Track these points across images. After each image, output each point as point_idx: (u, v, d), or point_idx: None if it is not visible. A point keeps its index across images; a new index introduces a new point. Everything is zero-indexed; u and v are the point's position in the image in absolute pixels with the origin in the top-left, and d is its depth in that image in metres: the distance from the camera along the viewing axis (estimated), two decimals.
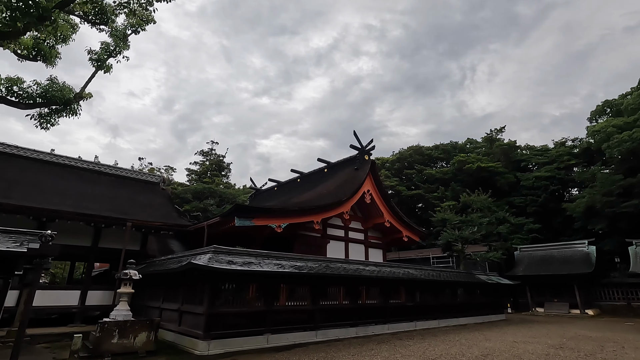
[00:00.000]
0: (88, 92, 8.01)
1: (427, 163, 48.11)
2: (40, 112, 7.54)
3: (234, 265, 9.68)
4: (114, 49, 8.19)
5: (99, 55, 8.04)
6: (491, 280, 21.68)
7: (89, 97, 8.00)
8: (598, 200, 28.38)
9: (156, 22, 8.98)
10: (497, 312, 22.14)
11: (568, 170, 37.36)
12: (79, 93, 7.84)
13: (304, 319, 11.72)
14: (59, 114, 7.55)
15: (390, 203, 23.21)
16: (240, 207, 15.33)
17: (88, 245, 14.90)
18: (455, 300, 18.97)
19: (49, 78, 7.62)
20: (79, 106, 7.80)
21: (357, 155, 23.11)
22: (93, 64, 8.13)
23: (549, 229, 35.04)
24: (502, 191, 38.50)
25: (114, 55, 8.28)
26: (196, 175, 52.06)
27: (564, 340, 12.58)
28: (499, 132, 45.43)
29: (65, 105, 7.52)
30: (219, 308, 9.81)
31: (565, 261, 27.94)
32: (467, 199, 26.18)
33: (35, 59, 9.15)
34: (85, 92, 7.93)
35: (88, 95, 7.98)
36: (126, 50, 8.52)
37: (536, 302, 28.58)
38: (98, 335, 8.66)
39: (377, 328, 13.93)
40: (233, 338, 9.81)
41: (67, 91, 7.56)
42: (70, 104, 7.57)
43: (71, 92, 7.68)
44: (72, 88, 7.79)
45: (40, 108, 7.50)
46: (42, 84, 7.49)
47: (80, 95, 7.83)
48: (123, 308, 10.08)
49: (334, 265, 13.32)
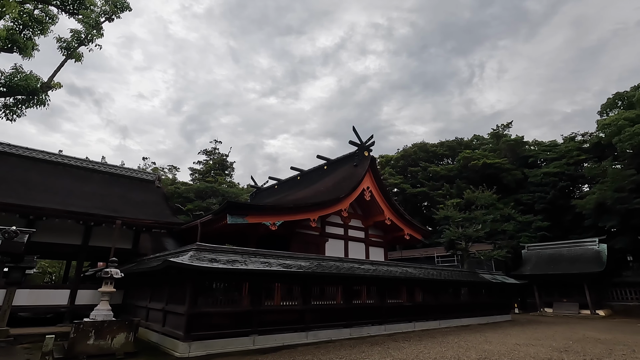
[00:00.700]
0: (57, 81, 7.64)
1: (432, 160, 47.22)
2: (5, 102, 7.20)
3: (216, 264, 9.24)
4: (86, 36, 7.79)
5: (68, 43, 7.66)
6: (496, 279, 20.92)
7: (58, 87, 7.63)
8: (609, 197, 27.32)
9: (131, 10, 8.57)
10: (503, 312, 21.38)
11: (578, 165, 36.16)
12: (46, 83, 7.47)
13: (294, 320, 11.24)
14: (26, 104, 7.20)
15: (391, 200, 22.61)
16: (232, 204, 14.90)
17: (78, 244, 14.65)
18: (457, 300, 18.30)
19: (13, 67, 7.29)
20: (47, 96, 7.44)
21: (356, 151, 22.57)
22: (62, 52, 7.76)
23: (558, 227, 33.96)
24: (509, 188, 37.49)
25: (85, 43, 7.90)
26: (200, 174, 52.03)
27: (570, 342, 11.87)
28: (506, 128, 44.30)
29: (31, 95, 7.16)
30: (200, 308, 9.39)
31: (575, 260, 26.97)
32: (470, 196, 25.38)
33: (11, 50, 8.83)
34: (54, 81, 7.56)
35: (57, 85, 7.61)
36: (99, 38, 8.11)
37: (544, 302, 27.68)
38: (73, 336, 8.30)
39: (373, 329, 13.39)
40: (216, 339, 9.37)
41: (32, 81, 7.20)
42: (37, 93, 7.21)
43: (37, 81, 7.32)
44: (38, 77, 7.43)
45: (5, 98, 7.15)
46: (5, 73, 7.14)
47: (48, 85, 7.47)
48: (104, 308, 9.72)
49: (327, 263, 12.82)
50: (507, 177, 37.47)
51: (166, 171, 53.25)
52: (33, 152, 16.44)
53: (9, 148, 15.94)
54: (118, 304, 14.79)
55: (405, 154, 48.77)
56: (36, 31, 8.81)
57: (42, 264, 23.99)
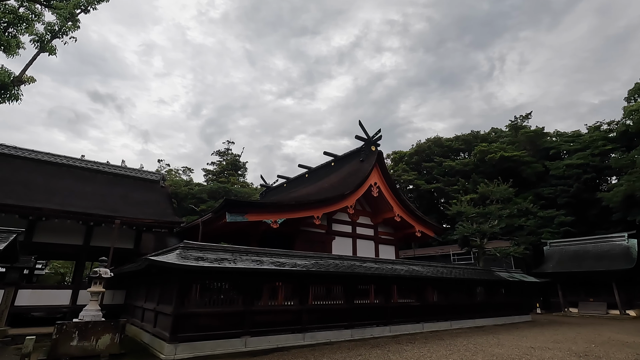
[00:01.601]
0: (30, 75, 7.46)
1: (447, 155, 45.67)
2: None
3: (202, 262, 8.86)
4: (60, 28, 7.54)
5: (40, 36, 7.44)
6: (513, 277, 19.74)
7: (32, 81, 7.45)
8: (638, 188, 25.43)
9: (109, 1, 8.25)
10: (522, 312, 20.17)
11: (603, 156, 33.95)
12: (18, 77, 7.29)
13: (290, 321, 10.73)
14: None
15: (400, 196, 21.77)
16: (230, 202, 14.56)
17: (80, 244, 14.67)
18: (471, 299, 17.31)
19: None
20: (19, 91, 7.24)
21: (362, 146, 21.89)
22: (35, 45, 7.55)
23: (583, 222, 32.05)
24: (528, 182, 35.70)
25: (59, 36, 7.66)
26: (213, 175, 52.42)
27: (593, 346, 10.84)
28: (525, 119, 42.22)
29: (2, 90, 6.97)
30: (188, 308, 9.03)
31: (602, 256, 25.26)
32: (485, 190, 24.10)
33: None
34: (26, 75, 7.38)
35: (30, 80, 7.43)
36: (75, 30, 7.86)
37: (569, 302, 26.09)
38: (55, 338, 8.10)
39: (377, 330, 12.71)
40: (204, 341, 8.98)
41: (3, 75, 7.02)
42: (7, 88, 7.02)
43: (8, 76, 7.13)
44: (10, 72, 7.25)
45: None
46: None
47: (19, 80, 7.28)
48: (92, 308, 9.53)
49: (325, 261, 12.25)
50: (526, 170, 35.69)
51: (180, 173, 54.06)
52: (38, 154, 16.65)
53: (15, 151, 16.20)
54: (120, 304, 14.75)
55: (419, 150, 47.42)
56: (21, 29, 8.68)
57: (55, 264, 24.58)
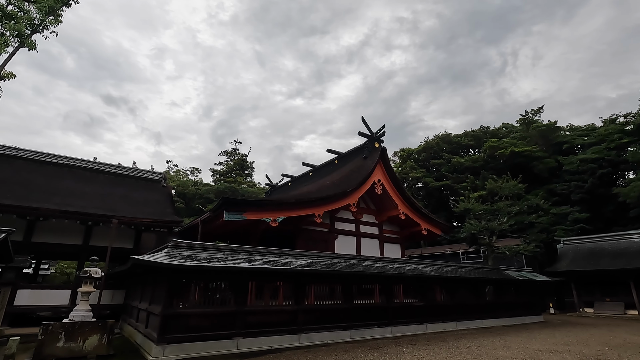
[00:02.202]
0: (9, 71, 7.33)
1: (456, 151, 44.73)
2: None
3: (189, 261, 8.60)
4: (40, 23, 7.38)
5: (20, 31, 7.29)
6: (523, 276, 18.99)
7: (11, 77, 7.33)
8: None
9: None
10: (533, 313, 19.41)
11: (620, 150, 32.59)
12: None
13: (285, 321, 10.41)
14: None
15: (405, 194, 21.25)
16: (227, 200, 14.33)
17: (79, 244, 14.65)
18: (478, 299, 16.68)
19: None
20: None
21: (365, 143, 21.44)
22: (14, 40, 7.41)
23: (598, 219, 30.84)
24: (540, 178, 34.59)
25: (40, 30, 7.49)
26: (220, 175, 52.63)
27: (606, 349, 10.19)
28: (537, 113, 40.92)
29: None
30: (176, 308, 8.79)
31: (619, 254, 24.17)
32: (493, 186, 23.31)
33: None
34: (5, 71, 7.25)
35: (9, 75, 7.31)
36: (56, 25, 7.69)
37: (584, 302, 25.09)
38: (41, 338, 7.96)
39: (377, 331, 12.28)
40: (194, 342, 8.73)
41: None
42: None
43: None
44: None
45: None
46: None
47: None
48: (83, 308, 9.40)
49: (322, 260, 11.88)
50: (538, 165, 34.58)
51: (188, 173, 54.44)
52: (39, 155, 16.74)
53: (16, 152, 16.31)
54: (120, 304, 14.69)
55: (427, 147, 46.57)
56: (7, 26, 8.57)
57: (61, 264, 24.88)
